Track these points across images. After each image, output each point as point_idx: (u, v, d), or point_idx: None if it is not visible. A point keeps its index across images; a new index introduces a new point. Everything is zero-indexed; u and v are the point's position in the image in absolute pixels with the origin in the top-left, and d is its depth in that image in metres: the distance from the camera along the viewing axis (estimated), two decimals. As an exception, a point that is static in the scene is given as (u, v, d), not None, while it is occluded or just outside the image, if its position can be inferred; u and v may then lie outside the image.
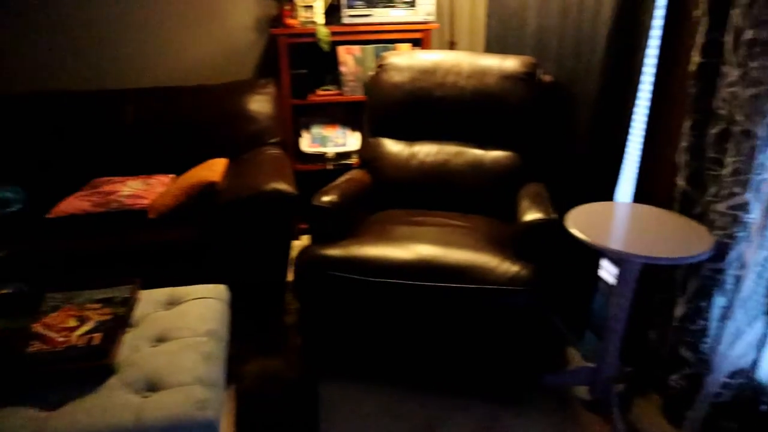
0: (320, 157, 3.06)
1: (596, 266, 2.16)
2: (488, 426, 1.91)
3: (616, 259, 1.77)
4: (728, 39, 1.59)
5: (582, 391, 2.07)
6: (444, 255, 1.91)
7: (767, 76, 1.48)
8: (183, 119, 2.80)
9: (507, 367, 2.11)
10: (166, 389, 1.43)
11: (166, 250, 2.25)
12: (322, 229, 2.11)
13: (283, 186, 2.27)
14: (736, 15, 1.56)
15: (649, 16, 1.88)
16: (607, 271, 2.36)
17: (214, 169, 2.52)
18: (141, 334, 1.65)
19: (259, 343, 2.34)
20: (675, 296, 1.91)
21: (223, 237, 2.27)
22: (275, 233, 2.31)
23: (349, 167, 3.04)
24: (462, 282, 1.85)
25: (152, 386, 1.45)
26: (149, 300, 1.81)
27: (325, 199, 2.12)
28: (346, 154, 3.06)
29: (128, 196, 2.46)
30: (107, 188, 2.53)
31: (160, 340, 1.63)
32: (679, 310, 1.87)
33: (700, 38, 1.68)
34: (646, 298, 2.05)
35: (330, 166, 3.05)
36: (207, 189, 2.36)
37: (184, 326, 1.66)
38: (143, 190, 2.53)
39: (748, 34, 1.52)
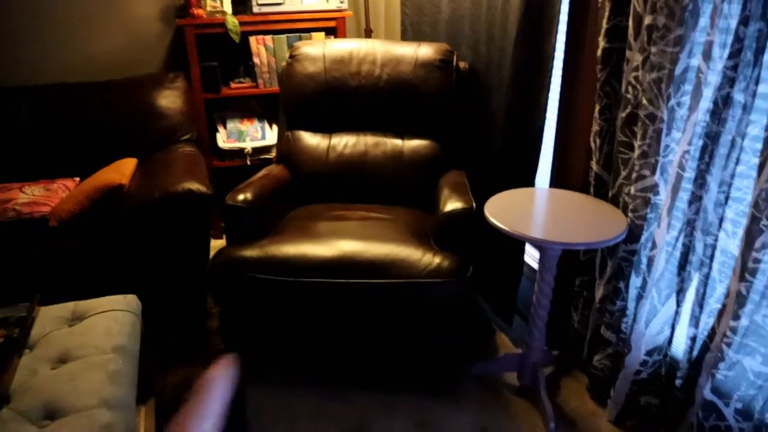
0: (238, 153, 2.94)
1: (521, 252, 2.18)
2: (420, 420, 1.89)
3: (537, 245, 1.79)
4: (630, 24, 1.62)
5: (511, 378, 2.09)
6: (365, 250, 1.87)
7: (667, 61, 1.51)
8: (86, 117, 2.61)
9: (436, 358, 2.10)
10: (67, 415, 1.32)
11: (70, 260, 2.09)
12: (237, 229, 2.01)
13: (195, 185, 2.15)
14: (635, 1, 1.58)
15: (557, 1, 1.89)
16: (532, 257, 2.40)
17: (121, 170, 2.36)
18: (39, 355, 1.51)
19: (180, 351, 2.22)
20: (594, 278, 1.95)
21: (133, 243, 2.13)
22: (190, 236, 2.19)
23: (268, 162, 2.94)
24: (384, 277, 1.81)
25: (51, 414, 1.33)
26: (49, 317, 1.66)
27: (240, 197, 2.03)
28: (265, 149, 2.95)
29: (26, 204, 2.27)
30: (2, 196, 2.32)
31: (62, 360, 1.50)
32: (599, 292, 1.92)
33: (604, 23, 1.70)
34: (568, 281, 2.09)
35: (249, 162, 2.94)
36: (112, 192, 2.21)
37: (88, 344, 1.53)
38: (44, 197, 2.34)
39: (648, 20, 1.55)
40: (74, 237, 2.13)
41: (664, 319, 1.69)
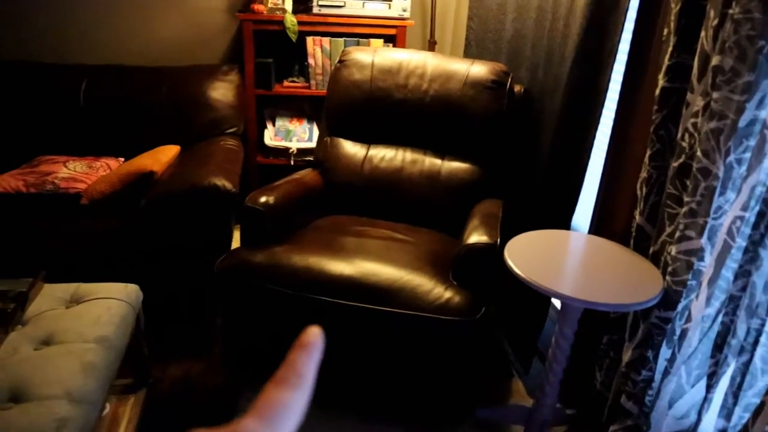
0: (283, 152, 2.91)
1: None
2: (408, 461, 1.77)
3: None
4: (695, 63, 1.42)
5: (518, 431, 1.91)
6: (375, 272, 1.76)
7: (730, 110, 1.31)
8: (138, 101, 2.66)
9: (440, 396, 1.96)
10: (30, 401, 1.29)
11: (93, 240, 2.11)
12: (253, 231, 1.96)
13: (221, 182, 2.12)
14: (704, 37, 1.39)
15: (618, 29, 1.71)
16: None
17: (159, 157, 2.38)
18: (28, 333, 1.51)
19: (183, 345, 2.20)
20: (623, 339, 1.75)
21: (154, 233, 2.12)
22: (209, 232, 2.16)
23: (312, 164, 2.90)
24: (389, 304, 1.70)
25: (16, 396, 1.31)
26: (51, 295, 1.67)
27: (261, 200, 1.97)
28: (311, 150, 2.90)
29: (65, 179, 2.33)
30: (45, 168, 2.39)
31: (45, 342, 1.49)
32: (627, 356, 1.71)
33: (666, 59, 1.51)
34: (595, 336, 1.89)
35: (292, 162, 2.90)
36: (143, 178, 2.22)
37: (74, 329, 1.52)
38: (83, 174, 2.40)
39: (715, 60, 1.35)
40: (102, 218, 2.16)
41: (691, 403, 1.48)
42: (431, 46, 2.97)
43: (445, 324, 1.67)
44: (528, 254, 1.62)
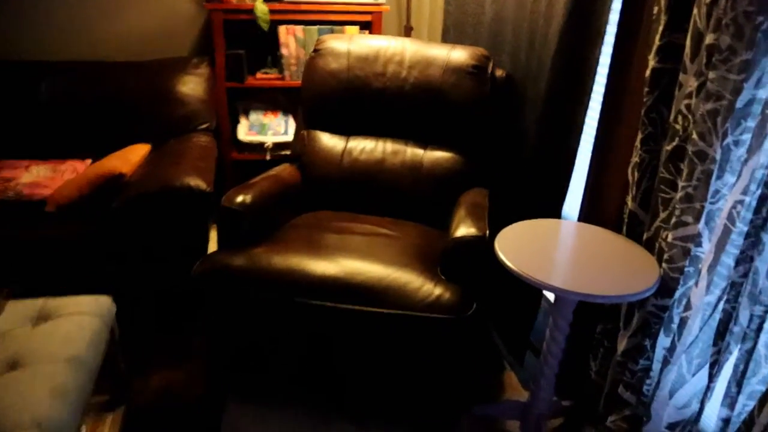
0: (258, 147, 2.80)
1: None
2: (403, 464, 1.71)
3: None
4: (687, 42, 1.37)
5: (514, 425, 1.87)
6: (360, 270, 1.69)
7: (727, 90, 1.25)
8: (103, 98, 2.53)
9: (434, 392, 1.90)
10: (-4, 432, 1.20)
11: (60, 250, 2.00)
12: (231, 233, 1.86)
13: (195, 181, 2.02)
14: (696, 15, 1.33)
15: (605, 9, 1.65)
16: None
17: (128, 157, 2.26)
18: (-7, 356, 1.41)
19: (163, 353, 2.11)
20: (618, 328, 1.70)
21: (127, 238, 2.02)
22: (185, 234, 2.06)
23: (287, 159, 2.80)
24: (377, 305, 1.63)
25: (-18, 427, 1.22)
26: (16, 313, 1.56)
27: (237, 199, 1.88)
28: (287, 144, 2.81)
29: (28, 185, 2.20)
30: (6, 174, 2.26)
31: (12, 366, 1.39)
32: (622, 345, 1.67)
33: (657, 39, 1.45)
34: (588, 325, 1.85)
35: (268, 157, 2.80)
36: (113, 181, 2.11)
37: (43, 349, 1.42)
38: (48, 178, 2.27)
39: (709, 39, 1.29)
40: (69, 225, 2.04)
41: (692, 392, 1.44)
42: (407, 31, 2.88)
43: (436, 322, 1.60)
44: (519, 246, 1.56)
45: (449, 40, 2.70)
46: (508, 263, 1.46)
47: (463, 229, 1.75)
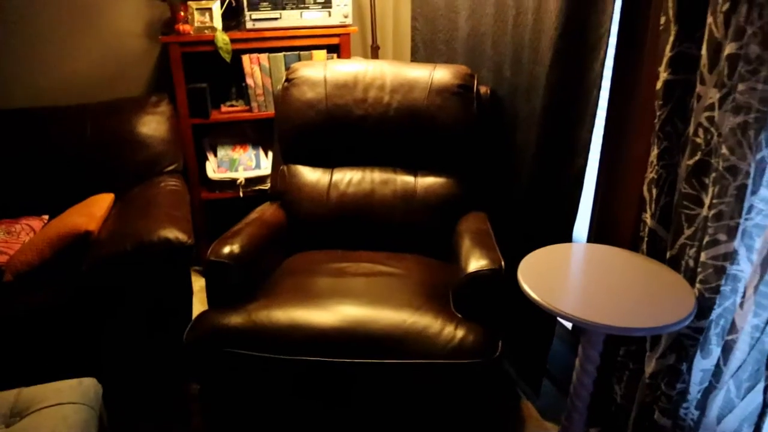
0: (230, 184, 2.63)
1: (551, 312, 1.86)
2: None
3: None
4: (704, 53, 1.30)
5: (542, 462, 1.77)
6: (373, 319, 1.55)
7: (757, 101, 1.19)
8: (56, 146, 2.31)
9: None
10: None
11: (17, 325, 1.77)
12: (220, 288, 1.70)
13: (173, 233, 1.84)
14: (712, 24, 1.27)
15: (603, 20, 1.58)
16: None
17: (92, 211, 2.06)
18: (-36, 469, 1.20)
19: (157, 423, 1.91)
20: (644, 349, 1.63)
21: (97, 304, 1.81)
22: (167, 295, 1.88)
23: (263, 193, 2.64)
24: (396, 356, 1.49)
25: None
26: (-15, 410, 1.35)
27: (225, 251, 1.71)
28: (260, 179, 2.65)
29: (-21, 252, 1.96)
30: (-48, 241, 2.02)
31: (-10, 480, 1.19)
32: (650, 367, 1.59)
33: (667, 50, 1.39)
34: (610, 348, 1.77)
35: (241, 194, 2.63)
36: (78, 241, 1.90)
37: (25, 455, 1.22)
38: (2, 242, 2.04)
39: (729, 48, 1.23)
40: (32, 295, 1.82)
41: (742, 416, 1.37)
42: (374, 52, 2.77)
43: (462, 368, 1.48)
44: (544, 277, 1.46)
45: (419, 58, 2.60)
46: (543, 302, 1.35)
47: (475, 262, 1.64)
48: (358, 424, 1.67)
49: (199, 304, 2.24)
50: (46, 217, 2.25)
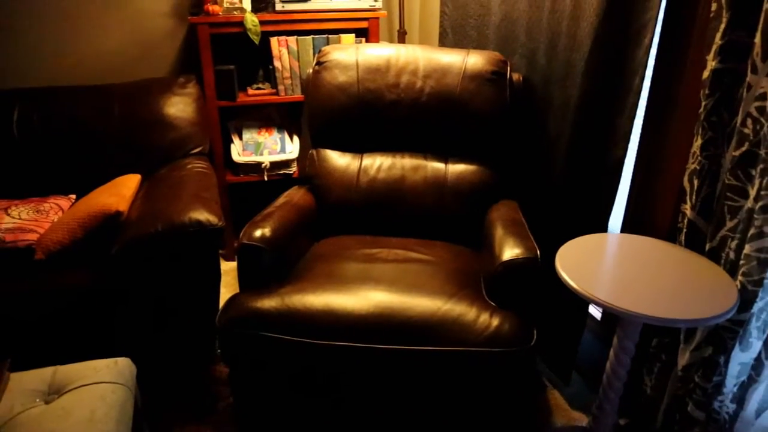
0: (255, 167, 2.62)
1: (585, 301, 1.84)
2: None
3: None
4: (758, 41, 1.27)
5: (571, 452, 1.76)
6: (407, 305, 1.54)
7: (814, 91, 1.16)
8: (84, 125, 2.30)
9: (488, 424, 1.77)
10: None
11: (51, 304, 1.78)
12: (252, 271, 1.70)
13: (204, 216, 1.83)
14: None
15: (649, 6, 1.54)
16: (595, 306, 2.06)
17: (121, 191, 2.06)
18: (5, 445, 1.21)
19: (185, 405, 1.92)
20: (677, 341, 1.61)
21: (128, 285, 1.82)
22: (198, 277, 1.88)
23: (288, 178, 2.64)
24: (431, 343, 1.49)
25: None
26: (22, 389, 1.36)
27: (257, 234, 1.71)
28: (285, 163, 2.64)
29: (10, 230, 1.97)
30: (-17, 219, 2.02)
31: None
32: (683, 359, 1.58)
33: (717, 38, 1.36)
34: (642, 338, 1.75)
35: (266, 178, 2.62)
36: (109, 221, 1.90)
37: (66, 432, 1.23)
38: (31, 220, 2.04)
39: (786, 36, 1.20)
40: (65, 274, 1.83)
41: (782, 411, 1.36)
42: (401, 36, 2.74)
43: (498, 356, 1.48)
44: (579, 266, 1.44)
45: (447, 44, 2.57)
46: (582, 291, 1.34)
47: (510, 251, 1.62)
48: (390, 412, 1.67)
49: (222, 288, 2.25)
50: (74, 196, 2.25)
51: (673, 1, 1.57)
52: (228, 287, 2.51)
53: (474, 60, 2.02)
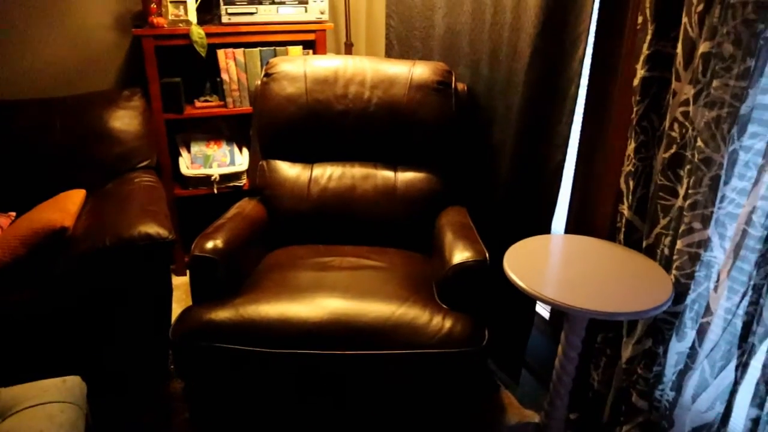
0: (204, 180, 2.60)
1: (533, 301, 1.92)
2: None
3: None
4: (679, 51, 1.37)
5: (524, 447, 1.82)
6: (361, 311, 1.57)
7: (731, 97, 1.26)
8: (25, 140, 2.23)
9: (440, 424, 1.81)
10: None
11: (-1, 323, 1.72)
12: (205, 284, 1.68)
13: (154, 228, 1.81)
14: (687, 24, 1.34)
15: (582, 20, 1.64)
16: (544, 306, 2.14)
17: (66, 207, 2.00)
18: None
19: (140, 423, 1.87)
20: (621, 336, 1.70)
21: (78, 300, 1.77)
22: (148, 292, 1.85)
23: (237, 190, 2.62)
24: (387, 347, 1.52)
25: None
26: (-35, 411, 1.31)
27: (208, 245, 1.70)
28: (235, 175, 2.62)
29: (-55, 250, 1.88)
30: None
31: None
32: (626, 352, 1.66)
33: (644, 48, 1.45)
34: (588, 335, 1.83)
35: (215, 190, 2.60)
36: (54, 237, 1.85)
37: (13, 455, 1.19)
38: (-32, 239, 1.96)
39: (703, 47, 1.30)
40: (6, 293, 1.76)
41: (715, 394, 1.45)
42: (348, 48, 2.79)
43: (451, 357, 1.52)
44: (525, 267, 1.50)
45: (393, 55, 2.63)
46: (531, 290, 1.40)
47: (459, 254, 1.67)
48: (346, 417, 1.68)
49: (173, 303, 2.21)
50: (13, 214, 2.17)
51: (604, 15, 1.67)
52: (179, 302, 2.47)
53: (420, 70, 2.08)
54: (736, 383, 1.39)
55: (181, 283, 2.60)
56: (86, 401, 1.44)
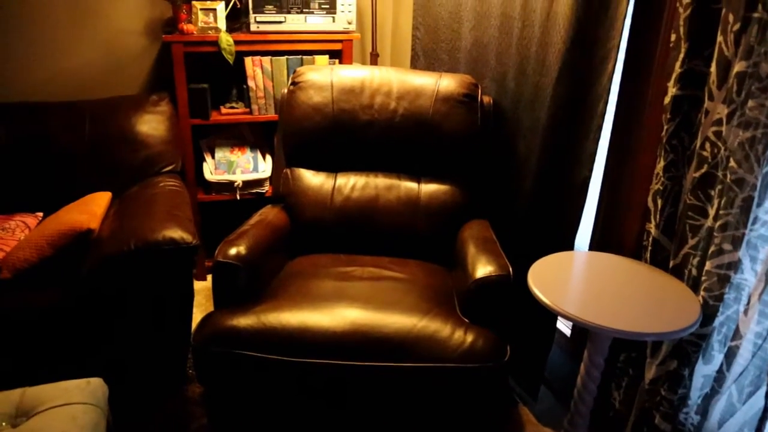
0: (228, 186, 2.62)
1: (554, 317, 1.90)
2: None
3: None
4: (713, 70, 1.36)
5: (542, 466, 1.80)
6: (382, 322, 1.56)
7: (765, 117, 1.24)
8: (54, 141, 2.27)
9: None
10: None
11: (24, 322, 1.74)
12: (228, 290, 1.69)
13: (178, 233, 1.82)
14: (722, 42, 1.32)
15: (612, 36, 1.63)
16: (565, 323, 2.11)
17: (92, 209, 2.03)
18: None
19: (157, 426, 1.88)
20: (644, 356, 1.67)
21: (99, 304, 1.79)
22: (171, 296, 1.86)
23: (260, 197, 2.64)
24: (407, 359, 1.51)
25: None
26: (-11, 410, 1.32)
27: (231, 252, 1.71)
28: (258, 182, 2.64)
29: (-26, 248, 1.92)
30: (-55, 237, 1.97)
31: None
32: (650, 373, 1.63)
33: (677, 66, 1.44)
34: (610, 354, 1.81)
35: (238, 197, 2.62)
36: (79, 238, 1.87)
37: (35, 454, 1.20)
38: (-4, 238, 2.00)
39: (739, 67, 1.28)
40: (31, 294, 1.79)
41: (743, 420, 1.42)
42: (373, 59, 2.80)
43: (473, 372, 1.50)
44: (549, 283, 1.49)
45: (419, 66, 2.63)
46: (555, 307, 1.39)
47: (482, 268, 1.66)
48: (365, 428, 1.67)
49: (194, 308, 2.22)
50: (41, 214, 2.21)
51: (636, 31, 1.66)
52: (199, 307, 2.48)
53: (446, 83, 2.08)
54: (766, 410, 1.36)
55: (201, 287, 2.62)
56: (107, 403, 1.45)
